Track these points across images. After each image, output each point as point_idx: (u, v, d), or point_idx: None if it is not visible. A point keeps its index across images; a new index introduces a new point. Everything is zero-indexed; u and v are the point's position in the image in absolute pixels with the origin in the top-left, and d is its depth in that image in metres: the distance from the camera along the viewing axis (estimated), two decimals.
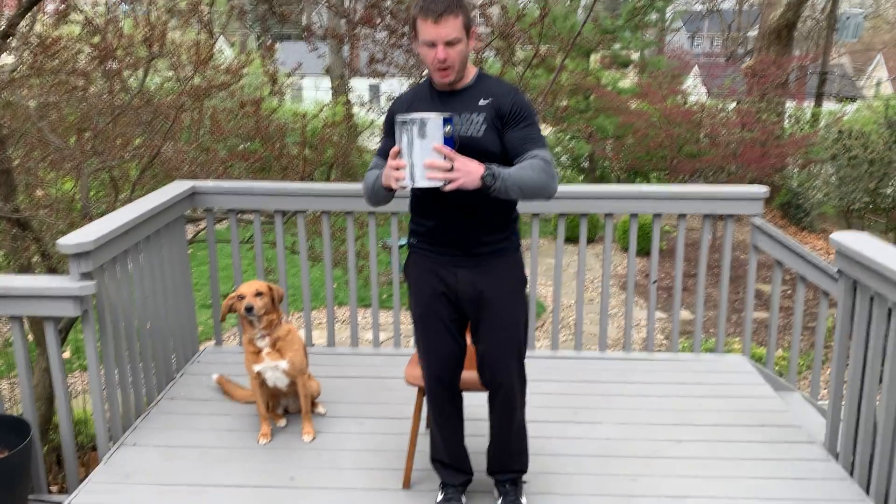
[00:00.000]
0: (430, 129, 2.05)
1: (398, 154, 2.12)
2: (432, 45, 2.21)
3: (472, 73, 2.35)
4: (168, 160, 5.13)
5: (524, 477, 2.71)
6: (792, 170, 13.13)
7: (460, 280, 2.40)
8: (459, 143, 2.23)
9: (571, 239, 12.19)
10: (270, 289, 3.03)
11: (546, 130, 15.51)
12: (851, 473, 2.85)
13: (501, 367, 2.42)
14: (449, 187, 2.09)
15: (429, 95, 2.36)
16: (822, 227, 13.18)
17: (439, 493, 2.66)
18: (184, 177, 4.96)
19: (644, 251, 11.69)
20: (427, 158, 2.07)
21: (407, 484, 2.78)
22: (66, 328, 5.01)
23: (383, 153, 2.39)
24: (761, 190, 3.69)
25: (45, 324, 2.86)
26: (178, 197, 3.62)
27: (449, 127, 2.09)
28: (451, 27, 2.18)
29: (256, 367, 3.07)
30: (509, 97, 2.29)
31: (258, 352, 3.06)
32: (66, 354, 7.81)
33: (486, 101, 2.29)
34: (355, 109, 8.66)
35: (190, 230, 8.39)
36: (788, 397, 3.57)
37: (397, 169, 2.12)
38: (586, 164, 15.60)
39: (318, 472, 2.88)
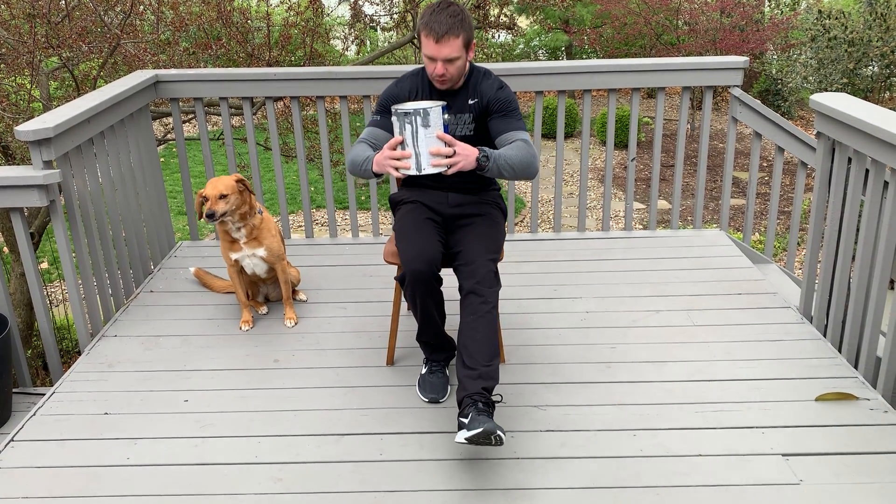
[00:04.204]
0: (433, 119, 2.18)
1: (399, 145, 2.23)
2: (433, 59, 2.41)
3: (464, 72, 2.54)
4: (130, 56, 4.91)
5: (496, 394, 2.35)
6: (771, 56, 12.94)
7: (450, 200, 2.65)
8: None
9: (549, 135, 12.08)
10: (240, 181, 2.95)
11: (523, 22, 15.08)
12: (825, 334, 2.92)
13: (479, 259, 2.41)
14: (451, 171, 2.23)
15: (428, 89, 2.57)
16: (799, 113, 13.12)
17: (423, 367, 2.69)
18: None
19: (622, 144, 11.63)
20: (432, 146, 2.20)
21: (390, 361, 2.81)
22: (38, 232, 4.92)
23: (376, 126, 2.55)
24: (740, 59, 3.62)
25: (11, 216, 2.78)
26: (141, 85, 3.48)
27: (446, 115, 2.24)
28: (451, 47, 2.38)
29: (234, 255, 3.03)
30: (492, 94, 2.52)
31: (234, 240, 3.02)
32: (44, 265, 7.73)
33: (474, 101, 2.54)
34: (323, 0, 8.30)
35: (159, 131, 8.18)
36: (765, 269, 3.62)
37: (399, 159, 2.23)
38: (564, 57, 15.27)
39: (301, 354, 2.90)
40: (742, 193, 9.89)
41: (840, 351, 2.81)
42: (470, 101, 2.53)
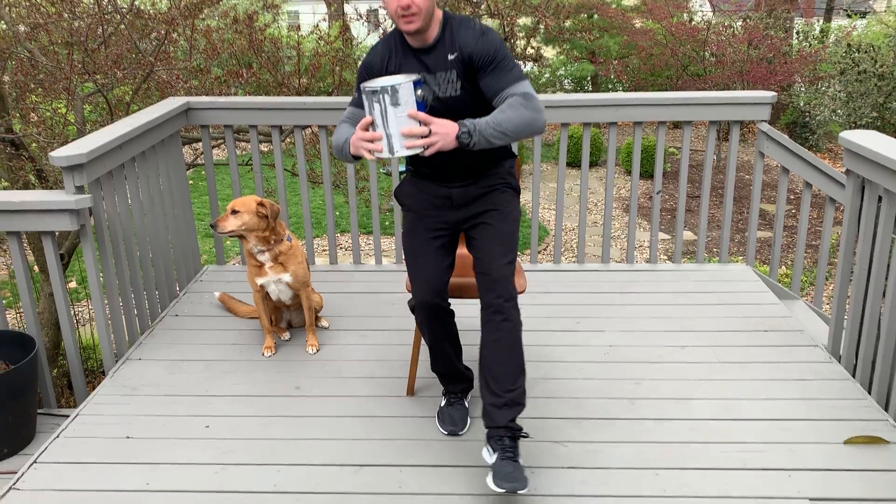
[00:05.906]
0: (403, 96, 1.95)
1: (370, 125, 2.03)
2: None
3: (437, 21, 2.25)
4: (163, 82, 5.02)
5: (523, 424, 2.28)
6: (799, 88, 12.87)
7: (455, 201, 2.44)
8: (441, 105, 2.24)
9: (574, 164, 12.08)
10: (261, 204, 2.96)
11: (549, 53, 15.17)
12: (853, 374, 2.87)
13: (495, 266, 2.31)
14: (428, 152, 2.03)
15: (402, 51, 2.29)
16: (828, 146, 13.01)
17: (442, 399, 2.68)
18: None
19: (648, 174, 11.60)
20: (403, 126, 1.98)
21: (411, 391, 2.80)
22: (68, 253, 5.00)
23: (354, 104, 2.37)
24: (768, 94, 3.60)
25: (42, 239, 2.83)
26: (173, 112, 3.55)
27: (420, 90, 2.00)
28: None
29: (259, 280, 3.05)
30: (473, 45, 2.21)
31: (261, 265, 3.04)
32: (72, 284, 7.84)
33: (454, 56, 2.23)
34: (353, 31, 8.43)
35: (189, 155, 8.31)
36: (792, 305, 3.57)
37: (371, 140, 2.03)
38: (589, 87, 15.32)
39: (323, 382, 2.90)
40: (769, 226, 9.79)
41: (870, 392, 2.75)
42: (450, 57, 2.23)
